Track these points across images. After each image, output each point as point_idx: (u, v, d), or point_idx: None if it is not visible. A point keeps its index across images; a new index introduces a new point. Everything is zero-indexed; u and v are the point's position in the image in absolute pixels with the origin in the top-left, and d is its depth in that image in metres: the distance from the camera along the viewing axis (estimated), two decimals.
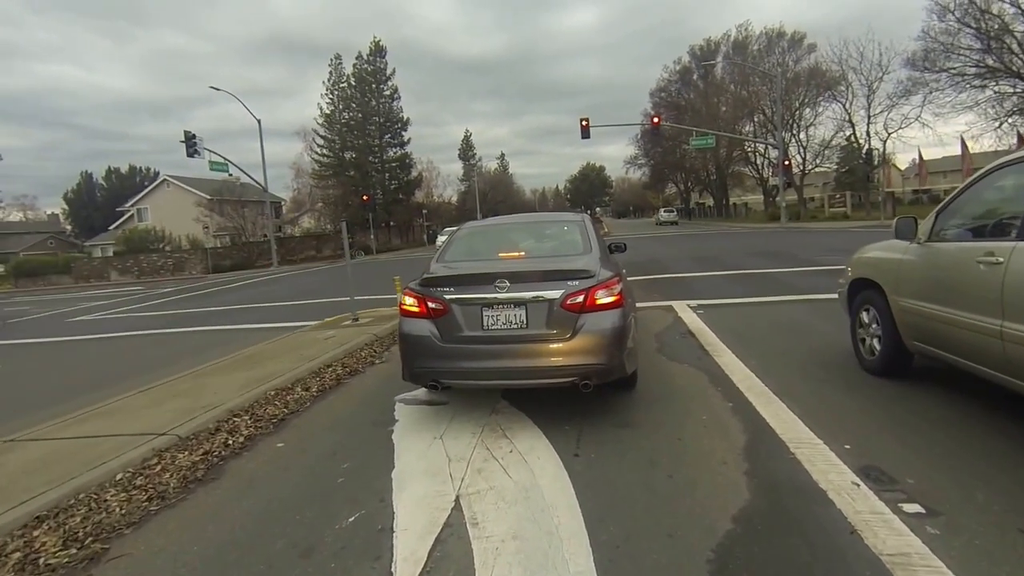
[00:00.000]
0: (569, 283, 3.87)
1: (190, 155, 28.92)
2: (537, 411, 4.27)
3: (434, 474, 3.39)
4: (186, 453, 3.92)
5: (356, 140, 55.10)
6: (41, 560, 2.67)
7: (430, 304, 4.05)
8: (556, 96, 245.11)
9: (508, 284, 3.89)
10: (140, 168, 76.38)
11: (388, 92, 56.74)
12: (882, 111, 36.21)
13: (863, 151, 37.93)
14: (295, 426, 4.56)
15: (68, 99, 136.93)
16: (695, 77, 57.33)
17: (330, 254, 42.93)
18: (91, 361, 9.04)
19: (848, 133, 40.10)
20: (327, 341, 7.51)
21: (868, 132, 37.87)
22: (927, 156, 40.61)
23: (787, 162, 37.87)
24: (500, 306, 3.91)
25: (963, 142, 32.25)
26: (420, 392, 4.95)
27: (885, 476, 2.94)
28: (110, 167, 76.35)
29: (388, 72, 56.38)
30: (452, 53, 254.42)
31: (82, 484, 3.41)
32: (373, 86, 55.90)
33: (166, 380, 6.04)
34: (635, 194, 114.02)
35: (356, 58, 55.61)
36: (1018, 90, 28.31)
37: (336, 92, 55.16)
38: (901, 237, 4.29)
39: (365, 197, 47.37)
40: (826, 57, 40.86)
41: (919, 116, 34.07)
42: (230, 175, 35.30)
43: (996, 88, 28.90)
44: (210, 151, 30.29)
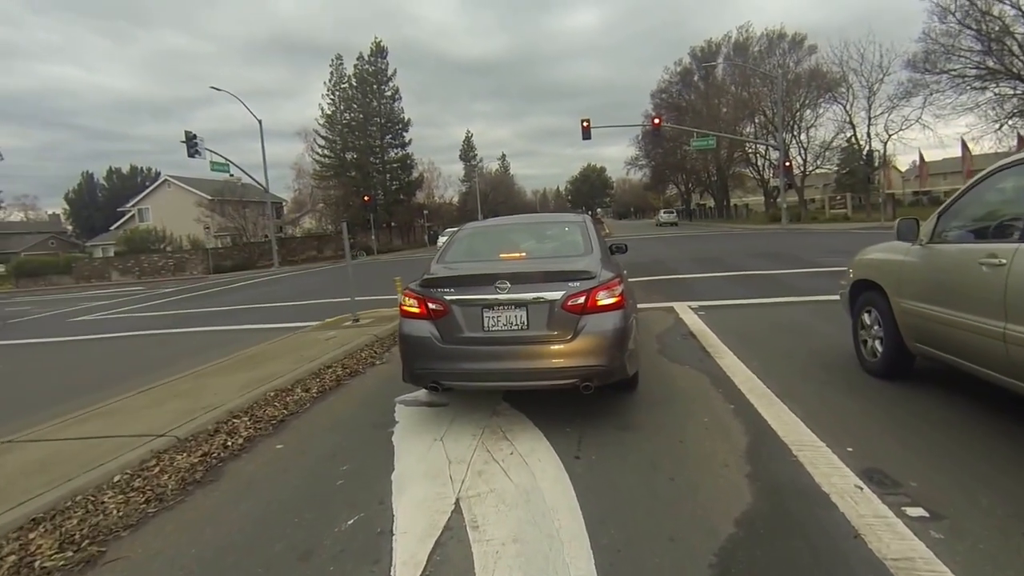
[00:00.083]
0: (570, 284, 3.86)
1: (191, 155, 28.96)
2: (538, 413, 4.25)
3: (434, 476, 3.37)
4: (185, 455, 3.91)
5: (357, 141, 55.16)
6: (37, 563, 2.65)
7: (430, 305, 4.03)
8: (557, 97, 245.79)
9: (509, 285, 3.87)
10: (141, 168, 76.56)
11: (389, 93, 56.83)
12: (883, 113, 36.28)
13: (864, 153, 37.90)
14: (295, 428, 4.55)
15: (69, 99, 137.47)
16: (696, 78, 57.32)
17: (331, 255, 42.95)
18: (91, 361, 9.02)
19: (849, 135, 40.10)
20: (327, 342, 7.49)
21: (869, 134, 37.93)
22: (928, 158, 40.62)
23: (788, 163, 37.86)
24: (501, 307, 3.89)
25: (964, 144, 32.20)
26: (420, 393, 4.93)
27: (888, 479, 2.92)
28: (111, 167, 76.70)
29: (389, 73, 56.53)
30: (453, 54, 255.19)
31: (80, 486, 3.39)
32: (374, 87, 55.97)
33: (166, 381, 6.03)
34: (636, 195, 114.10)
35: (357, 59, 55.78)
36: (1018, 92, 28.28)
37: (337, 93, 55.24)
38: (903, 239, 4.27)
39: (366, 198, 47.40)
40: (827, 59, 40.94)
41: (920, 118, 34.03)
42: (231, 175, 35.34)
43: (996, 90, 28.91)
44: (211, 151, 30.34)
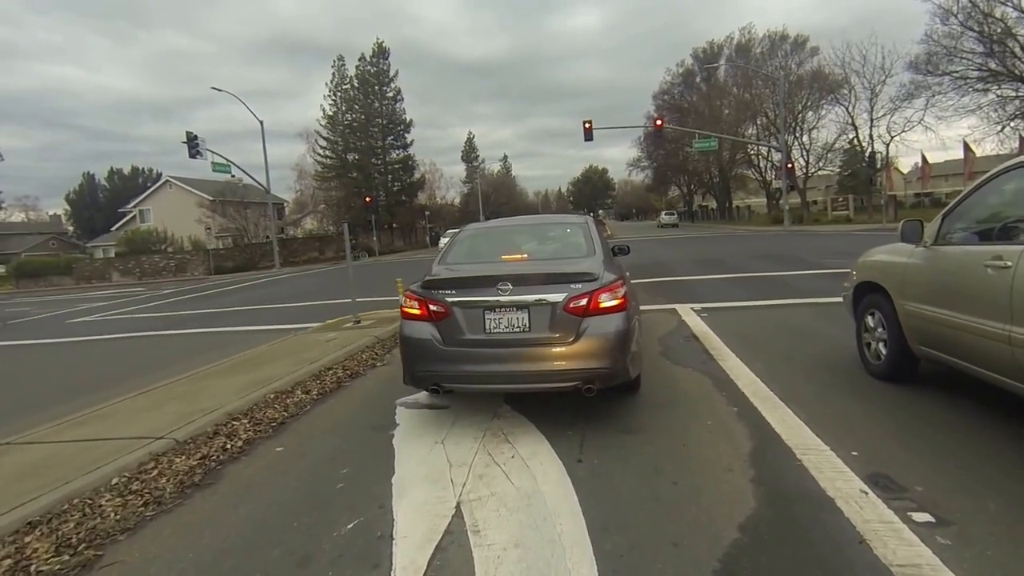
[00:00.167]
0: (572, 286, 3.83)
1: (192, 156, 28.98)
2: (540, 416, 4.22)
3: (435, 480, 3.34)
4: (183, 457, 3.88)
5: (359, 142, 55.19)
6: (32, 567, 2.62)
7: (431, 307, 4.00)
8: (559, 98, 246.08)
9: (511, 287, 3.84)
10: (142, 169, 76.67)
11: (391, 94, 56.87)
12: (885, 114, 36.22)
13: (866, 154, 37.84)
14: (294, 430, 4.52)
15: (70, 100, 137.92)
16: (698, 80, 57.31)
17: (332, 256, 42.97)
18: (91, 362, 9.00)
19: (851, 136, 40.07)
20: (328, 343, 7.47)
21: (871, 135, 37.89)
22: (930, 159, 40.52)
23: (790, 165, 37.81)
24: (502, 309, 3.86)
25: (966, 145, 32.10)
26: (421, 396, 4.91)
27: (893, 484, 2.89)
28: (112, 168, 76.90)
29: (391, 74, 56.57)
30: (455, 55, 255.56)
31: (77, 489, 3.36)
32: (376, 88, 56.01)
33: (165, 382, 6.01)
34: (638, 196, 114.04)
35: (359, 59, 55.82)
36: (1021, 94, 28.22)
37: (339, 93, 55.28)
38: (907, 240, 4.24)
39: (368, 199, 47.42)
40: (829, 60, 40.73)
41: (922, 119, 34.00)
42: (232, 176, 35.41)
43: (998, 92, 28.83)
44: (212, 152, 30.34)
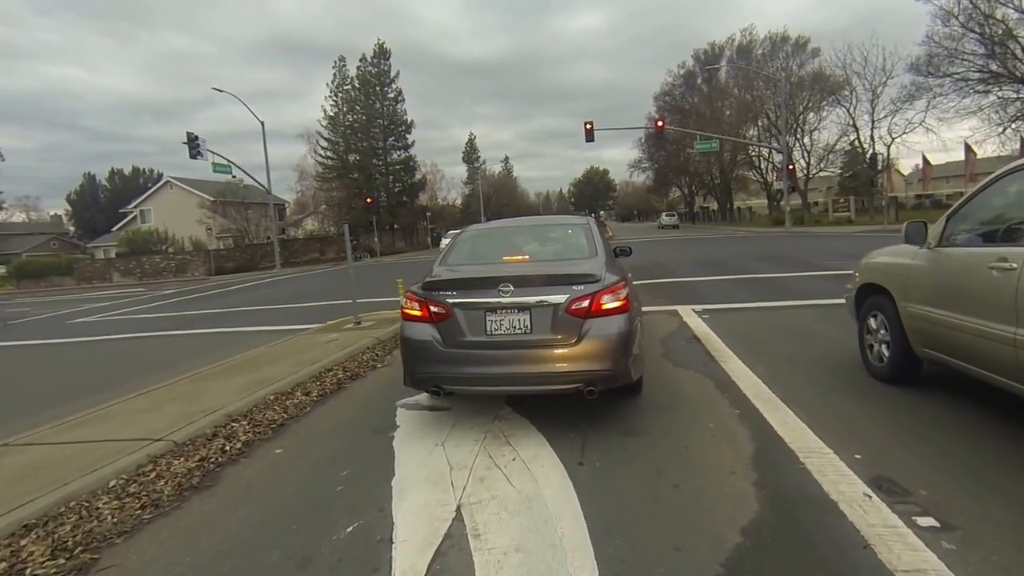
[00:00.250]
0: (574, 287, 3.80)
1: (193, 157, 29.04)
2: (541, 418, 4.20)
3: (435, 482, 3.32)
4: (182, 459, 3.85)
5: (360, 142, 55.19)
6: (28, 571, 2.60)
7: (432, 308, 3.98)
8: (560, 99, 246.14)
9: (512, 288, 3.82)
10: (143, 170, 76.67)
11: (392, 94, 56.86)
12: (886, 116, 36.23)
13: (867, 156, 37.80)
14: (294, 432, 4.49)
15: (71, 100, 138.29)
16: (699, 81, 57.27)
17: (333, 256, 42.96)
18: (91, 363, 8.98)
19: (852, 138, 40.09)
20: (328, 344, 7.45)
21: (872, 137, 37.90)
22: (931, 161, 40.53)
23: (791, 166, 37.78)
24: (504, 310, 3.83)
25: (967, 147, 32.11)
26: (422, 397, 4.88)
27: (897, 487, 2.87)
28: (113, 168, 76.87)
29: (392, 74, 56.55)
30: (456, 56, 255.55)
31: (74, 491, 3.34)
32: (377, 88, 56.01)
33: (165, 383, 5.99)
34: (639, 198, 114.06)
35: (360, 60, 55.82)
36: (1022, 95, 28.17)
37: (340, 94, 55.29)
38: (911, 242, 4.21)
39: (369, 200, 47.35)
40: (830, 61, 40.76)
41: (923, 121, 33.99)
42: (233, 177, 35.45)
43: (1000, 93, 28.79)
44: (213, 153, 30.42)
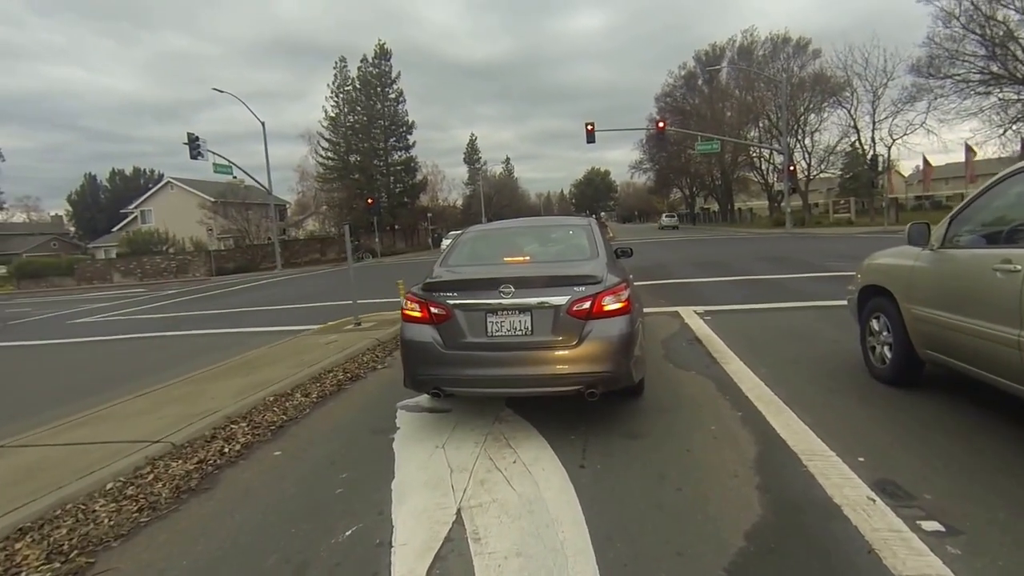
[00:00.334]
0: (575, 289, 3.78)
1: (193, 157, 29.04)
2: (542, 420, 4.17)
3: (435, 485, 3.29)
4: (180, 461, 3.82)
5: (361, 143, 55.15)
6: (22, 575, 2.57)
7: (433, 309, 3.95)
8: (561, 100, 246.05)
9: (513, 289, 3.79)
10: (144, 170, 76.75)
11: (393, 95, 56.80)
12: (887, 117, 36.27)
13: (868, 157, 37.80)
14: (294, 433, 4.47)
15: (72, 101, 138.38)
16: (700, 82, 57.29)
17: (334, 257, 42.96)
18: (91, 363, 8.96)
19: (853, 139, 40.11)
20: (328, 346, 7.42)
21: (873, 138, 37.93)
22: (932, 162, 40.51)
23: (792, 168, 37.75)
24: (504, 312, 3.81)
25: (968, 148, 32.06)
26: (422, 399, 4.86)
27: (901, 491, 2.84)
28: (114, 169, 76.91)
29: (393, 75, 56.46)
30: (457, 56, 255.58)
31: (70, 494, 3.31)
32: (378, 89, 55.96)
33: (163, 385, 5.96)
34: (640, 199, 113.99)
35: (361, 61, 55.74)
36: (1022, 97, 28.18)
37: (341, 95, 55.25)
38: (914, 243, 4.19)
39: (370, 200, 47.33)
40: (831, 63, 40.82)
41: (924, 122, 34.03)
42: (234, 177, 35.43)
43: (1000, 95, 28.82)
44: (214, 153, 30.41)
